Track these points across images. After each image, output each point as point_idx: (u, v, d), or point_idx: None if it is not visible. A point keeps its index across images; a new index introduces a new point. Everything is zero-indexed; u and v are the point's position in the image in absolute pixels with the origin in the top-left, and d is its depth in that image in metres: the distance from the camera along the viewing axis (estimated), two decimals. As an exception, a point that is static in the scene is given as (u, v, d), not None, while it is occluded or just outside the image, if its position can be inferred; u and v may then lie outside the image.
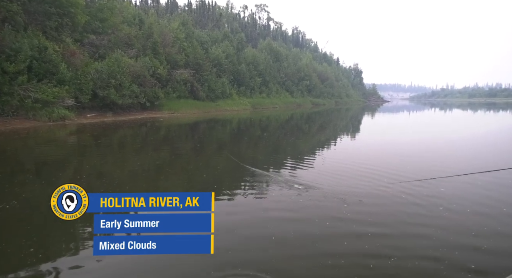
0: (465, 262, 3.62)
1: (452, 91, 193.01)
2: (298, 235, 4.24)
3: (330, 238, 4.20)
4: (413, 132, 18.65)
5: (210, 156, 10.11)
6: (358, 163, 8.62)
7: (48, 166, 8.50)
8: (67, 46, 20.86)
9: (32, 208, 5.17)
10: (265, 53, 52.14)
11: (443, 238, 4.19)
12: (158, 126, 19.38)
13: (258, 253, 3.79)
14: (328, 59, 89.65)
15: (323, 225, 4.56)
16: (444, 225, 4.60)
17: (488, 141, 14.33)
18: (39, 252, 3.69)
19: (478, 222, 4.73)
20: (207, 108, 32.67)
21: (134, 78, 24.78)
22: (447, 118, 33.30)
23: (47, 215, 4.62)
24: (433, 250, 3.88)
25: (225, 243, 3.90)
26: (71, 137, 14.13)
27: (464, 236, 4.28)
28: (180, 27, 35.74)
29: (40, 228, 4.44)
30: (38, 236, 4.13)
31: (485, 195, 5.95)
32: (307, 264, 3.56)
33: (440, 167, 8.29)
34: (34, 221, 4.68)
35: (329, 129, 20.33)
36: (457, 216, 4.95)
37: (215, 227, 2.68)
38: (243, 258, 3.64)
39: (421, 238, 4.21)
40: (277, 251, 3.83)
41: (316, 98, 62.01)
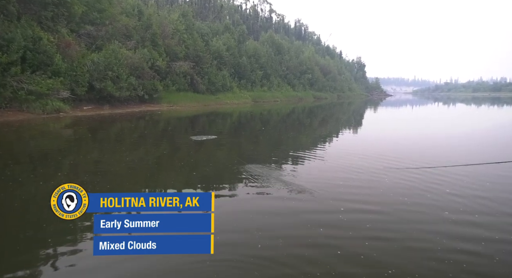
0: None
1: (456, 85, 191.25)
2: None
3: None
4: (414, 128, 18.12)
5: (210, 151, 9.66)
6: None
7: (42, 160, 8.08)
8: (62, 37, 20.32)
9: (28, 204, 5.01)
10: (266, 46, 51.38)
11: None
12: (156, 119, 18.93)
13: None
14: (331, 52, 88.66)
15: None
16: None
17: (489, 135, 13.83)
18: (36, 250, 3.56)
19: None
20: (207, 102, 32.16)
21: (132, 70, 24.27)
22: (450, 113, 32.69)
23: (43, 211, 4.58)
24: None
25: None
26: (65, 131, 13.70)
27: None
28: (180, 19, 35.04)
29: (35, 225, 4.25)
30: (34, 233, 3.97)
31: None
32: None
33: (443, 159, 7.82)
34: (30, 218, 4.49)
35: (331, 124, 19.83)
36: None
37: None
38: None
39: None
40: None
41: (318, 92, 61.33)
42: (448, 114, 30.53)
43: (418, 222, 4.36)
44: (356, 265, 3.29)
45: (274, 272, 3.14)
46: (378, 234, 3.97)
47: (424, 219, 4.45)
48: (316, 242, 3.74)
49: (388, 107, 40.75)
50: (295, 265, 3.25)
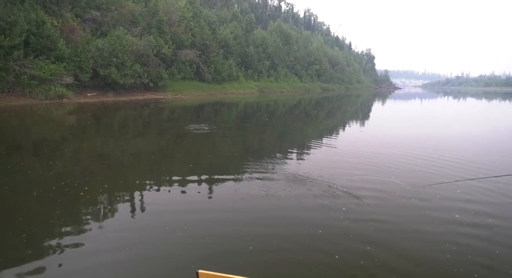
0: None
1: (467, 79, 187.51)
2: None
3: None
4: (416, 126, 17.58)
5: (215, 140, 9.34)
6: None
7: (43, 147, 7.86)
8: (67, 21, 19.97)
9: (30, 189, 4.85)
10: (274, 36, 50.46)
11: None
12: (161, 107, 18.64)
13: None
14: (340, 44, 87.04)
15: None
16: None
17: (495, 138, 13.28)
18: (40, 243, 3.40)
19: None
20: (212, 91, 31.74)
21: (137, 57, 23.90)
22: (458, 109, 31.88)
23: (43, 199, 4.48)
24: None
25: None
26: (67, 117, 13.47)
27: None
28: (187, 6, 34.37)
29: (35, 214, 4.13)
30: (34, 224, 3.85)
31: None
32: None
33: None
34: (30, 210, 4.31)
35: (338, 118, 19.36)
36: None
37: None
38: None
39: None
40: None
41: (325, 83, 60.41)
42: (456, 111, 29.75)
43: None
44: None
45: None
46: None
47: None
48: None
49: (397, 101, 39.94)
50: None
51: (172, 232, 3.64)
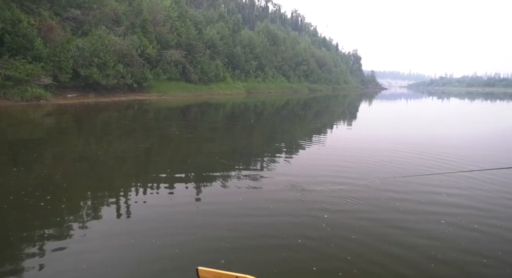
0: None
1: (450, 80, 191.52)
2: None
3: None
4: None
5: (200, 143, 8.92)
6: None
7: (20, 150, 7.30)
8: (44, 20, 19.16)
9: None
10: (262, 36, 50.20)
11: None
12: (145, 109, 18.05)
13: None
14: (327, 44, 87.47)
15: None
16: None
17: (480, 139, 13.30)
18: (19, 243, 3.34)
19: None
20: (199, 92, 31.20)
21: (120, 57, 23.20)
22: (443, 110, 32.26)
23: (24, 202, 4.30)
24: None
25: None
26: (41, 120, 12.81)
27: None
28: (172, 5, 33.73)
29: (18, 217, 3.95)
30: (18, 226, 3.73)
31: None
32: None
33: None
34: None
35: (326, 118, 19.16)
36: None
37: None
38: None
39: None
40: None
41: (313, 84, 60.50)
42: (440, 111, 30.04)
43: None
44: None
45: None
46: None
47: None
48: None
49: (383, 101, 40.19)
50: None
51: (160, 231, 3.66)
